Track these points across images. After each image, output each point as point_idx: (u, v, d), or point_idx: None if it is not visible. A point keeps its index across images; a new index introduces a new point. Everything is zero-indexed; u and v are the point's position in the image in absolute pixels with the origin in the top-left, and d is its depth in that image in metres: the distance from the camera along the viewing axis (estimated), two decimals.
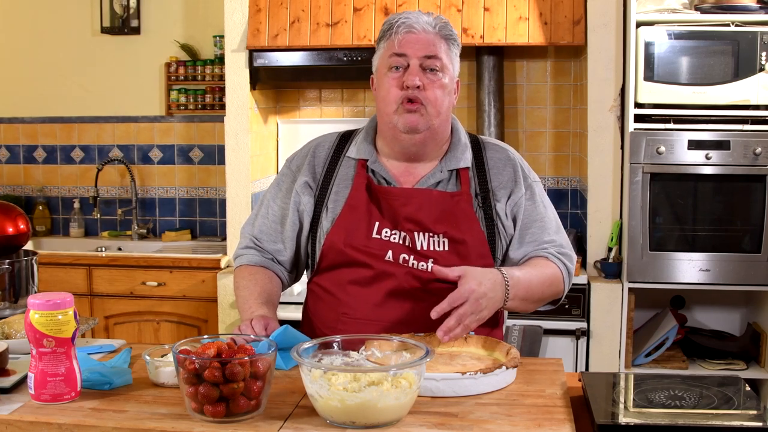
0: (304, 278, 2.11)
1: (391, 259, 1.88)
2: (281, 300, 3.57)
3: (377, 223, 1.90)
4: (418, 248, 1.89)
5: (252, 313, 1.87)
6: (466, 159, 1.97)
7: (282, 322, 1.86)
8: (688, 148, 3.21)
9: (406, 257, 1.88)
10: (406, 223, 1.90)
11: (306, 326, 2.04)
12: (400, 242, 1.89)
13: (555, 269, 1.93)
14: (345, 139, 2.04)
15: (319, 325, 1.97)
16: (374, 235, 1.90)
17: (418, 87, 1.86)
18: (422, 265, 1.88)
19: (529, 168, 2.04)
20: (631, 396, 1.71)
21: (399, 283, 1.87)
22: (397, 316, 1.87)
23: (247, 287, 1.96)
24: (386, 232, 1.90)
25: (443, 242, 1.89)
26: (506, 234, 1.96)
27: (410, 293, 1.87)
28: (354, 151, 1.99)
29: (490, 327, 1.96)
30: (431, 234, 1.89)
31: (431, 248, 1.89)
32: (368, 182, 1.94)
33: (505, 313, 2.09)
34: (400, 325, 1.86)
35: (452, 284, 1.81)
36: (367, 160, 1.97)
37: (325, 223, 1.95)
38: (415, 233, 1.89)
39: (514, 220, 1.96)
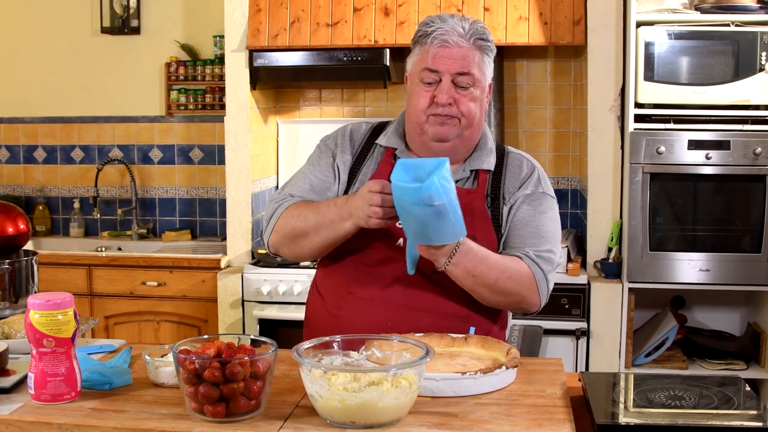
0: (306, 278, 2.11)
1: (402, 245, 1.90)
2: (282, 300, 3.58)
3: None
4: None
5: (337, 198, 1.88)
6: (489, 162, 1.98)
7: (282, 322, 1.86)
8: (688, 148, 3.21)
9: None
10: None
11: (311, 304, 2.06)
12: None
13: (524, 268, 1.87)
14: (378, 129, 2.07)
15: (325, 304, 1.98)
16: None
17: (450, 104, 1.88)
18: None
19: (546, 180, 2.02)
20: (631, 396, 1.71)
21: (407, 268, 1.88)
22: (401, 300, 1.89)
23: (314, 204, 1.92)
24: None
25: None
26: (503, 234, 1.96)
27: (416, 280, 1.88)
28: (384, 139, 2.02)
29: (490, 326, 1.97)
30: None
31: None
32: (391, 169, 1.95)
33: (509, 314, 2.09)
34: (403, 309, 1.87)
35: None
36: (395, 149, 2.00)
37: None
38: None
39: (509, 216, 1.95)
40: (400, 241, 1.91)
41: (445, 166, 1.64)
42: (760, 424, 1.50)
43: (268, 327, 3.48)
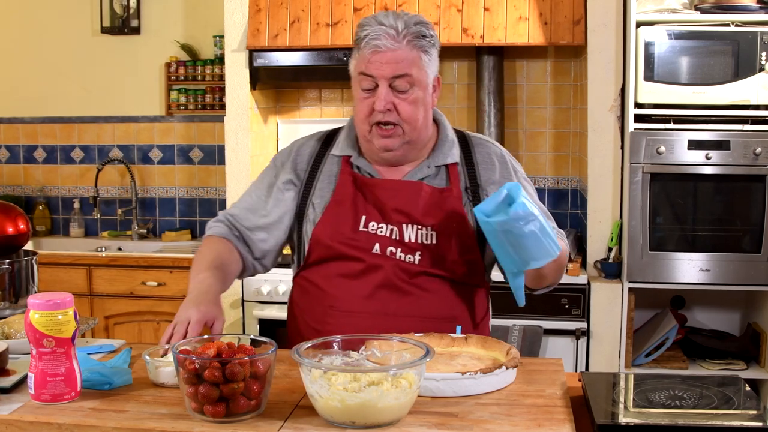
0: (289, 277, 2.11)
1: (378, 251, 1.89)
2: (282, 300, 3.58)
3: (364, 217, 1.91)
4: (406, 240, 1.89)
5: (198, 280, 1.83)
6: (453, 155, 1.96)
7: (282, 322, 1.85)
8: (688, 148, 3.21)
9: (393, 250, 1.89)
10: (394, 214, 1.90)
11: (292, 321, 2.04)
12: (388, 235, 1.89)
13: (563, 244, 1.87)
14: (329, 138, 2.05)
15: (306, 320, 1.96)
16: (361, 228, 1.90)
17: (389, 110, 1.85)
18: (409, 258, 1.89)
19: (518, 164, 2.04)
20: (631, 396, 1.71)
21: (387, 275, 1.88)
22: (384, 309, 1.87)
23: (203, 254, 1.94)
24: (373, 225, 1.90)
25: (431, 235, 1.90)
26: None
27: (398, 286, 1.88)
28: (338, 148, 2.00)
29: (474, 324, 1.97)
30: (420, 227, 1.89)
31: (419, 240, 1.89)
32: (354, 177, 1.95)
33: (490, 312, 2.08)
34: (387, 317, 1.86)
35: (440, 277, 1.85)
36: (350, 156, 1.97)
37: (311, 218, 1.96)
38: (404, 225, 1.89)
39: None
40: (377, 247, 1.89)
41: (521, 191, 1.63)
42: (760, 424, 1.50)
43: (268, 327, 3.48)
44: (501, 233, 1.63)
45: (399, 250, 1.89)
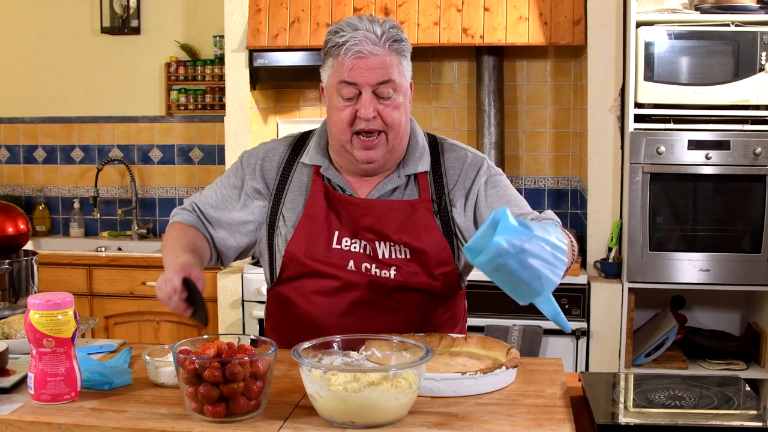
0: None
1: (353, 268, 1.86)
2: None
3: (337, 233, 1.87)
4: (380, 257, 1.86)
5: (176, 258, 1.78)
6: (424, 163, 1.91)
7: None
8: (688, 148, 3.21)
9: (368, 266, 1.86)
10: (366, 233, 1.87)
11: (270, 334, 2.01)
12: (361, 251, 1.87)
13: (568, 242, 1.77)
14: (300, 143, 2.00)
15: (285, 335, 1.94)
16: (335, 245, 1.87)
17: (373, 117, 1.79)
18: (384, 273, 1.86)
19: (493, 165, 1.96)
20: (631, 396, 1.71)
21: (363, 292, 1.85)
22: (363, 325, 1.85)
23: (176, 238, 1.89)
24: (346, 242, 1.87)
25: (405, 251, 1.86)
26: (465, 239, 1.90)
27: (375, 302, 1.86)
28: (307, 156, 1.94)
29: (451, 330, 1.96)
30: (392, 243, 1.86)
31: (393, 256, 1.86)
32: (326, 190, 1.90)
33: (466, 317, 2.07)
34: (367, 333, 1.82)
35: (417, 290, 1.84)
36: (320, 167, 1.92)
37: (283, 232, 1.91)
38: (376, 242, 1.86)
39: (477, 212, 1.88)
40: (351, 264, 1.86)
41: (505, 217, 1.37)
42: (760, 424, 1.50)
43: None
44: (492, 272, 1.40)
45: (374, 266, 1.85)
